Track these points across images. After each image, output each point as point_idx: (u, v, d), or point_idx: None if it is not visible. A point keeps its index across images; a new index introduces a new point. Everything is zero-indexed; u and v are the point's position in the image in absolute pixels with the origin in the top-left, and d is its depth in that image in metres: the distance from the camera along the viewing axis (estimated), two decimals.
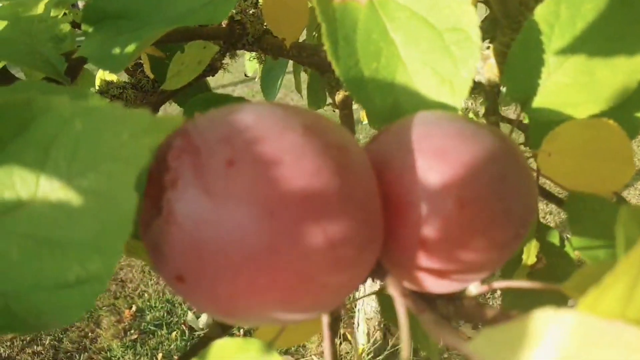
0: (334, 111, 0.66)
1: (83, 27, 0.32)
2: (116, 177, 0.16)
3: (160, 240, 0.17)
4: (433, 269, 0.20)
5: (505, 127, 0.42)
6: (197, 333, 1.71)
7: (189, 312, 1.77)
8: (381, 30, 0.26)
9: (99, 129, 0.16)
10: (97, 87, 0.60)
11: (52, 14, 0.41)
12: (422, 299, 0.22)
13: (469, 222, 0.19)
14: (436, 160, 0.20)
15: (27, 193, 0.16)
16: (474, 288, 0.22)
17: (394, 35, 0.26)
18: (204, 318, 1.73)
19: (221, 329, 0.30)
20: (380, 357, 1.60)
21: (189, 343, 1.67)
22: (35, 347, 1.64)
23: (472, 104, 0.41)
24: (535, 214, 0.22)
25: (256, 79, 1.01)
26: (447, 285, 0.21)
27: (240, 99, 0.41)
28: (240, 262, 0.16)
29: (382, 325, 1.64)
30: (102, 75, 0.74)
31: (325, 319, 0.23)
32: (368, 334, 1.62)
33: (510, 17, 0.36)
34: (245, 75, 0.84)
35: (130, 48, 0.31)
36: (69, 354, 1.64)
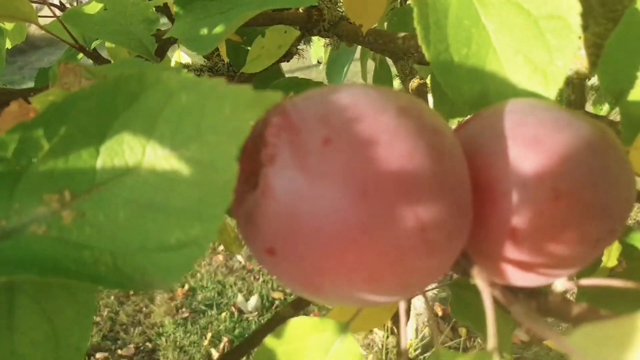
0: None
1: (175, 8, 0.33)
2: (218, 148, 0.16)
3: (255, 213, 0.17)
4: (521, 262, 0.20)
5: None
6: (246, 316, 1.75)
7: (239, 294, 1.81)
8: (473, 16, 0.25)
9: (203, 103, 0.17)
10: None
11: None
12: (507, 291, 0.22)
13: (562, 214, 0.19)
14: (530, 149, 0.19)
15: (134, 160, 0.17)
16: (559, 284, 0.21)
17: (486, 21, 0.25)
18: (252, 301, 1.76)
19: (293, 310, 0.30)
20: (428, 354, 1.58)
21: (237, 325, 1.70)
22: (94, 318, 1.74)
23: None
24: (632, 208, 0.21)
25: (320, 67, 1.02)
26: (533, 279, 0.20)
27: (320, 84, 0.41)
28: (331, 238, 0.16)
29: (431, 322, 1.61)
30: (179, 58, 0.77)
31: (402, 305, 0.23)
32: (417, 330, 1.60)
33: (606, 5, 0.34)
34: (318, 62, 0.85)
35: (219, 29, 0.31)
36: (124, 326, 1.72)
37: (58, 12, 0.49)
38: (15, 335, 0.19)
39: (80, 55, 0.42)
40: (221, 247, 2.03)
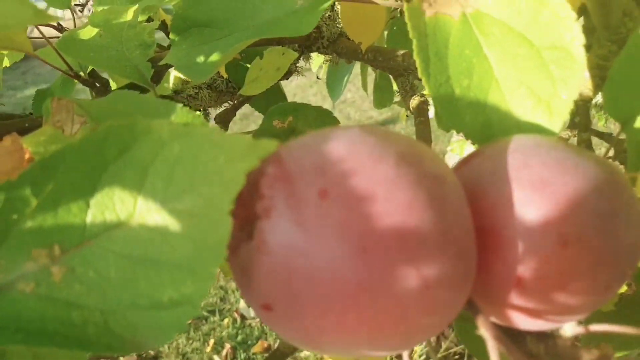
0: (407, 116, 0.64)
1: (171, 35, 0.33)
2: (212, 200, 0.16)
3: (250, 267, 0.17)
4: (527, 309, 0.19)
5: (596, 142, 0.40)
6: (249, 322, 1.74)
7: (241, 300, 1.80)
8: (474, 46, 0.25)
9: (196, 153, 0.16)
10: (172, 85, 0.61)
11: (139, 18, 0.42)
12: (512, 337, 0.21)
13: (570, 262, 0.18)
14: (536, 193, 0.18)
15: (125, 213, 0.16)
16: (568, 328, 0.21)
17: (488, 51, 0.25)
18: None
19: (293, 346, 0.30)
20: None
21: (240, 331, 1.70)
22: None
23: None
24: None
25: (320, 75, 1.01)
26: (540, 324, 0.20)
27: (319, 108, 0.41)
28: (330, 297, 0.15)
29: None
30: (178, 74, 0.76)
31: (405, 354, 0.22)
32: None
33: (610, 28, 0.34)
34: (317, 77, 0.84)
35: (215, 57, 0.31)
36: None
37: (54, 32, 0.49)
38: None
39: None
40: None
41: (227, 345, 1.62)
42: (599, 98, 0.42)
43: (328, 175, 0.16)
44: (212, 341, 1.65)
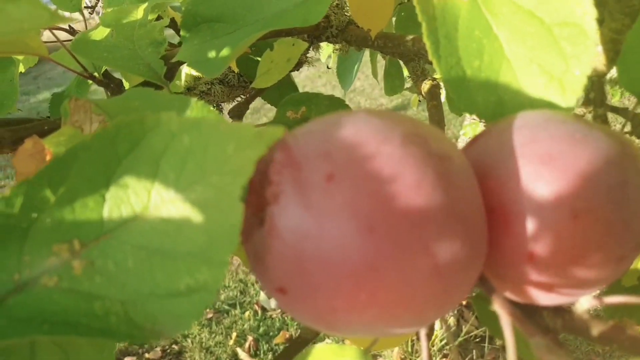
0: (419, 101, 0.64)
1: (181, 32, 0.33)
2: (223, 189, 0.16)
3: (263, 252, 0.17)
4: (541, 283, 0.19)
5: (612, 118, 0.39)
6: (270, 313, 1.75)
7: (261, 292, 1.81)
8: (484, 27, 0.25)
9: (206, 143, 0.17)
10: (184, 82, 0.62)
11: (149, 17, 0.43)
12: (529, 313, 0.21)
13: (582, 234, 0.18)
14: (544, 168, 0.18)
15: (140, 206, 0.17)
16: (585, 301, 0.21)
17: (498, 31, 0.25)
18: None
19: (315, 331, 0.30)
20: (454, 344, 1.56)
21: (261, 323, 1.71)
22: None
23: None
24: None
25: (329, 65, 1.01)
26: (556, 298, 0.20)
27: (331, 97, 0.41)
28: (340, 277, 0.16)
29: (456, 311, 1.60)
30: (189, 71, 0.77)
31: (422, 330, 0.22)
32: (441, 320, 1.58)
33: (622, 0, 0.33)
34: (327, 67, 0.84)
35: (226, 52, 0.31)
36: None
37: (64, 35, 0.50)
38: None
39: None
40: None
41: (250, 338, 1.64)
42: (613, 73, 0.41)
43: (334, 159, 0.16)
44: (234, 334, 1.67)
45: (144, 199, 0.17)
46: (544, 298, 0.19)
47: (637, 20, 0.29)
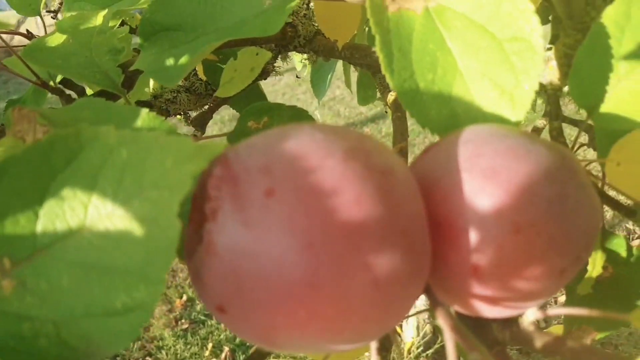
0: (385, 112, 0.64)
1: (139, 40, 0.32)
2: (160, 204, 0.16)
3: (202, 270, 0.17)
4: (486, 297, 0.19)
5: (566, 128, 0.40)
6: None
7: None
8: (438, 40, 0.25)
9: (144, 157, 0.16)
10: (151, 90, 0.61)
11: (110, 23, 0.42)
12: (479, 326, 0.21)
13: (523, 248, 0.18)
14: (486, 182, 0.18)
15: (76, 222, 0.16)
16: (531, 313, 0.21)
17: (452, 44, 0.25)
18: None
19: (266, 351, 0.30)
20: (430, 351, 1.57)
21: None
22: None
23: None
24: (597, 234, 0.20)
25: (305, 73, 1.01)
26: (500, 311, 0.20)
27: (293, 108, 0.41)
28: (279, 294, 0.15)
29: (431, 319, 1.61)
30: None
31: (373, 345, 0.22)
32: (418, 328, 1.59)
33: (574, 17, 0.34)
34: (297, 76, 0.84)
35: (184, 60, 0.31)
36: None
37: (24, 41, 0.48)
38: None
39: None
40: None
41: (226, 349, 1.62)
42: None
43: (274, 173, 0.16)
44: (210, 345, 1.64)
45: (80, 214, 0.16)
46: (488, 311, 0.20)
47: (587, 37, 0.29)
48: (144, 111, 0.24)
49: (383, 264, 0.16)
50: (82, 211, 0.16)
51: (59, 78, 0.41)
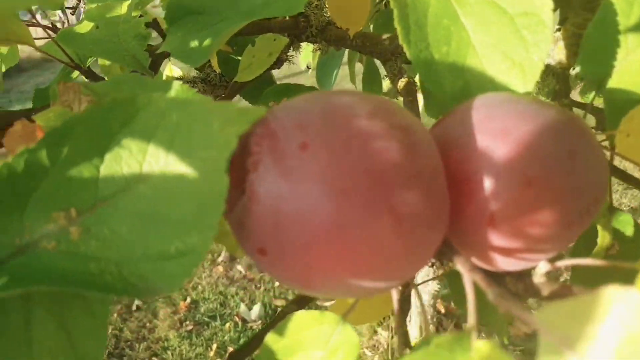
0: (396, 99, 0.66)
1: (166, 24, 0.34)
2: (209, 162, 0.18)
3: (244, 218, 0.18)
4: (501, 247, 0.21)
5: (576, 112, 0.41)
6: (250, 325, 1.74)
7: (241, 304, 1.79)
8: (452, 16, 0.26)
9: (193, 121, 0.18)
10: None
11: (132, 14, 0.44)
12: (491, 276, 0.23)
13: (534, 199, 0.20)
14: (499, 140, 0.20)
15: (133, 176, 0.18)
16: (543, 266, 0.23)
17: (465, 20, 0.26)
18: (255, 310, 1.76)
19: (296, 306, 0.31)
20: None
21: (242, 334, 1.69)
22: None
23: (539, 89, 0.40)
24: (606, 190, 0.22)
25: (309, 72, 1.02)
26: (515, 263, 0.22)
27: (312, 88, 0.42)
28: (313, 236, 0.17)
29: (434, 319, 1.62)
30: (170, 72, 0.78)
31: (395, 296, 0.24)
32: (421, 328, 1.61)
33: None
34: (307, 67, 0.86)
35: (209, 42, 0.33)
36: (129, 342, 1.71)
37: (51, 33, 0.50)
38: (34, 346, 0.20)
39: (75, 73, 0.43)
40: (221, 258, 2.02)
41: (230, 349, 1.63)
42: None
43: (307, 130, 0.18)
44: (214, 346, 1.66)
45: (136, 169, 0.18)
46: (504, 262, 0.21)
47: (597, 12, 0.31)
48: (177, 83, 0.25)
49: (406, 207, 0.17)
50: (138, 167, 0.18)
51: (88, 62, 0.43)
